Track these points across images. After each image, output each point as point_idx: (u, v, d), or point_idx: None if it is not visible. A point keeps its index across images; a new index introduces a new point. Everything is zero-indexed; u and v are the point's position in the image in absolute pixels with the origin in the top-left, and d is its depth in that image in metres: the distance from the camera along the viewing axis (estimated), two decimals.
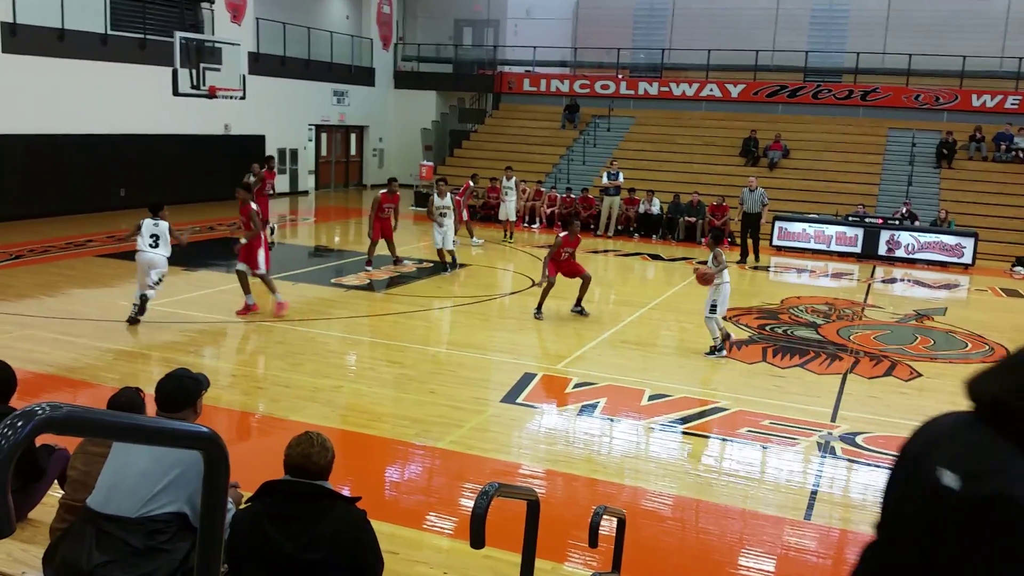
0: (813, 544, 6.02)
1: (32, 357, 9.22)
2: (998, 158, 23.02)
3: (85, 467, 3.97)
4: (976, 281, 17.65)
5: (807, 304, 14.15)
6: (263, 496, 3.34)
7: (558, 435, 7.96)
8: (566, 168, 25.17)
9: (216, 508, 1.81)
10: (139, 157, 21.03)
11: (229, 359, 10.08)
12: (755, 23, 28.63)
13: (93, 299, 12.27)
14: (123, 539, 3.42)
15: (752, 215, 18.29)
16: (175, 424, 1.95)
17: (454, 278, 15.04)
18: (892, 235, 19.53)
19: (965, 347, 11.87)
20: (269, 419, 7.92)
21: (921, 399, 9.34)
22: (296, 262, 16.68)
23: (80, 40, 19.62)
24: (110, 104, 20.41)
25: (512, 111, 29.55)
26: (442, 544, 5.71)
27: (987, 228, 20.16)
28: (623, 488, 6.77)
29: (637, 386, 9.31)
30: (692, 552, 5.92)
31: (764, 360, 10.53)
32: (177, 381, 3.92)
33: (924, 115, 25.09)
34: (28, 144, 18.67)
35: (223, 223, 19.90)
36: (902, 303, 15.12)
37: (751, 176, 19.70)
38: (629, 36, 30.82)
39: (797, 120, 25.99)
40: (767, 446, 7.77)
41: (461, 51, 32.57)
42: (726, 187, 22.38)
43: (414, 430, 7.62)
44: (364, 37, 30.58)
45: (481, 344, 10.80)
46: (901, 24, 27.30)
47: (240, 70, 19.97)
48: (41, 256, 14.53)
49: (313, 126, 28.59)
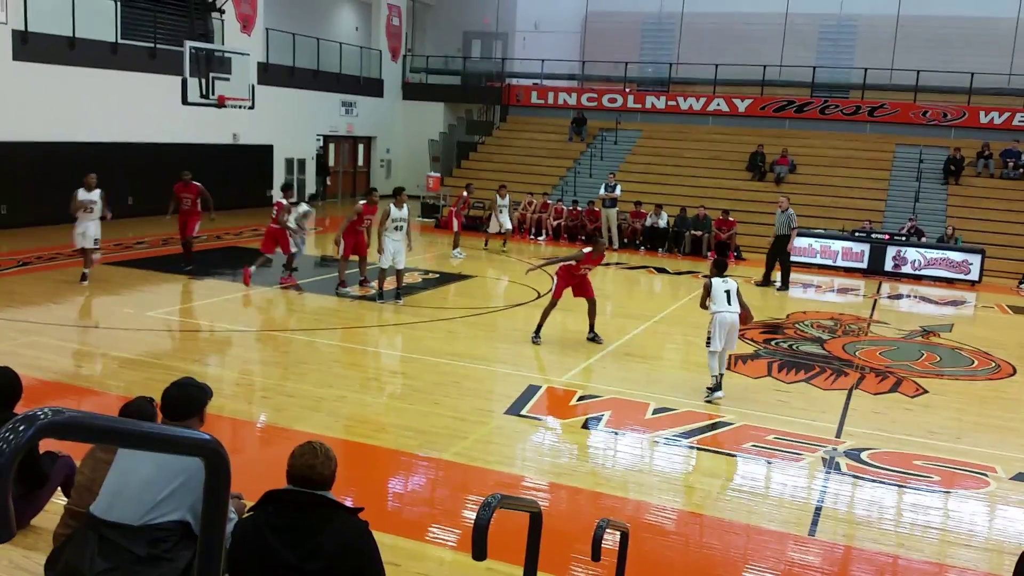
0: (817, 560, 5.99)
1: (38, 364, 9.24)
2: (1006, 175, 23.00)
3: (92, 473, 3.97)
4: (983, 298, 17.59)
5: (813, 319, 14.12)
6: (265, 505, 3.33)
7: (562, 448, 7.94)
8: (573, 181, 25.20)
9: (217, 516, 1.81)
10: (147, 166, 21.10)
11: (234, 368, 10.08)
12: (763, 38, 28.70)
13: (99, 307, 12.30)
14: (126, 547, 3.41)
15: (778, 237, 17.20)
16: (176, 431, 1.95)
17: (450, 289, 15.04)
18: (898, 251, 19.50)
19: (971, 364, 11.82)
20: (273, 429, 7.92)
21: (927, 415, 9.30)
22: (302, 272, 16.69)
23: (90, 48, 19.74)
24: (119, 112, 20.51)
25: (520, 123, 29.62)
26: (444, 556, 5.69)
27: (994, 245, 20.11)
28: (627, 501, 6.75)
29: (642, 399, 9.29)
30: (695, 567, 5.89)
31: (769, 375, 10.50)
32: (183, 389, 3.92)
33: (932, 131, 25.08)
34: (37, 152, 18.76)
35: (230, 232, 19.95)
36: (908, 319, 15.08)
37: (782, 196, 18.82)
38: (637, 50, 30.93)
39: (804, 135, 26.00)
40: (772, 461, 7.74)
41: (469, 63, 32.70)
42: (732, 201, 22.42)
43: (418, 441, 7.61)
44: (373, 48, 30.71)
45: (485, 356, 10.79)
46: (909, 40, 27.33)
47: (249, 80, 20.08)
48: (49, 263, 14.58)
49: (321, 136, 28.69)
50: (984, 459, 8.01)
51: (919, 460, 7.89)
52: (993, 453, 8.22)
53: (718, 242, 20.93)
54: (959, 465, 7.84)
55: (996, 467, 7.81)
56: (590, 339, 11.46)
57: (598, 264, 11.63)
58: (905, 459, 7.89)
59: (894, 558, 6.04)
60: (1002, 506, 7.09)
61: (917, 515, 6.79)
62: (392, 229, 13.21)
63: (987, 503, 7.17)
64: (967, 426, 9.11)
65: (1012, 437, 8.83)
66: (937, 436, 8.60)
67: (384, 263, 13.27)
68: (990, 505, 7.13)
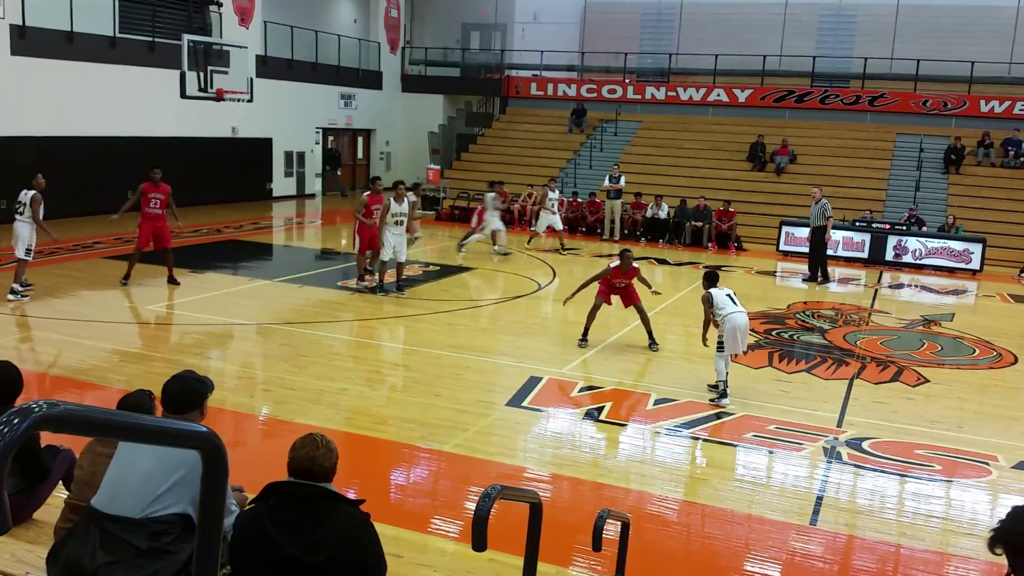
0: (819, 550, 5.99)
1: (39, 359, 9.25)
2: (1006, 164, 22.95)
3: (91, 467, 3.96)
4: (984, 287, 17.58)
5: (813, 309, 14.11)
6: (267, 498, 3.33)
7: (563, 439, 7.94)
8: (573, 172, 25.16)
9: (215, 507, 1.80)
10: (146, 160, 21.00)
11: (235, 361, 10.08)
12: (763, 28, 28.60)
13: (100, 301, 12.29)
14: (127, 540, 3.41)
15: (814, 229, 16.88)
16: (172, 423, 1.94)
17: (451, 281, 15.02)
18: (899, 240, 19.48)
19: (972, 353, 11.82)
20: (274, 421, 7.92)
21: (928, 405, 9.30)
22: (303, 265, 16.71)
23: (89, 43, 19.69)
24: (118, 107, 20.47)
25: (519, 115, 29.56)
26: (447, 548, 5.70)
27: (995, 234, 20.08)
28: (628, 492, 6.75)
29: (643, 390, 9.30)
30: (697, 557, 5.89)
31: (770, 365, 10.50)
32: (184, 383, 3.92)
33: (932, 120, 25.02)
34: (36, 146, 18.71)
35: (230, 225, 19.94)
36: (909, 308, 15.07)
37: (814, 187, 17.92)
38: (637, 41, 30.84)
39: (804, 125, 25.94)
40: (773, 451, 7.74)
41: (468, 55, 32.60)
42: (733, 192, 22.38)
43: (419, 433, 7.61)
44: (371, 41, 30.63)
45: (486, 347, 10.79)
46: (909, 29, 27.23)
47: (247, 73, 20.06)
48: (48, 258, 14.56)
49: (320, 129, 28.65)
50: (986, 448, 8.01)
51: (921, 449, 7.89)
52: (995, 442, 8.22)
53: (719, 233, 20.91)
54: (961, 454, 7.84)
55: (998, 456, 7.81)
56: (650, 347, 10.96)
57: (632, 277, 11.09)
58: (907, 448, 7.89)
59: (896, 547, 6.05)
60: (1004, 494, 7.09)
61: (919, 504, 6.79)
62: (392, 223, 13.14)
63: (989, 492, 7.17)
64: (968, 415, 9.11)
65: (1014, 426, 8.83)
66: (939, 425, 8.60)
67: (385, 256, 13.23)
68: (992, 494, 7.13)
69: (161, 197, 12.85)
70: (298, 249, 19.63)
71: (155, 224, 12.88)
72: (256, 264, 16.74)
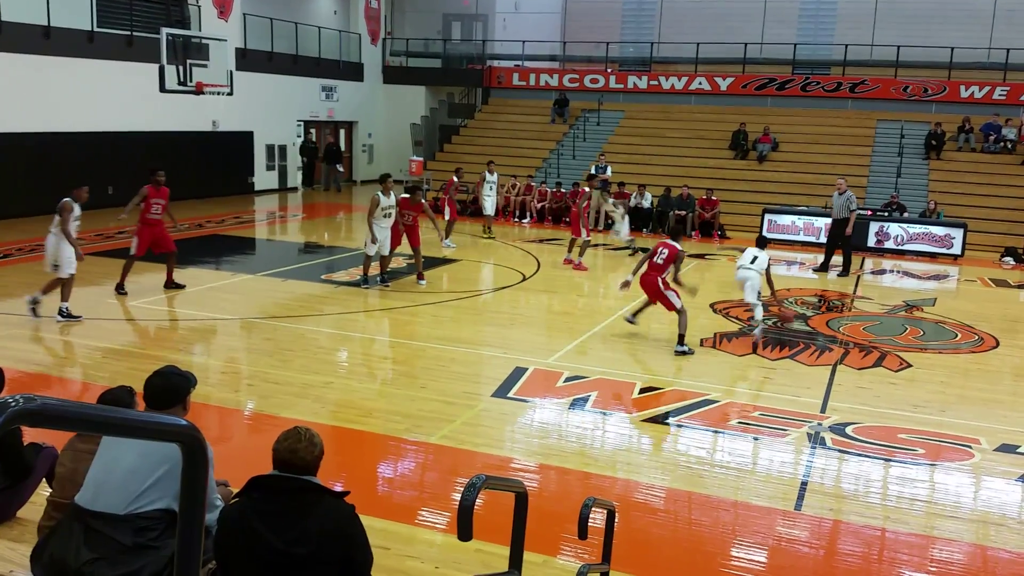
0: (804, 535, 6.03)
1: (21, 356, 9.17)
2: (987, 149, 23.11)
3: (73, 464, 3.94)
4: (965, 272, 17.71)
5: (796, 296, 14.17)
6: (251, 491, 3.32)
7: (550, 429, 7.96)
8: (556, 163, 25.16)
9: (196, 500, 1.79)
10: (126, 155, 20.90)
11: (219, 356, 10.04)
12: (743, 16, 28.64)
13: (81, 297, 12.18)
14: (111, 536, 3.40)
15: (836, 221, 16.70)
16: (151, 417, 1.93)
17: (435, 273, 14.99)
18: (881, 227, 19.59)
19: (955, 337, 11.91)
20: (259, 416, 7.90)
21: (911, 389, 9.37)
22: (286, 258, 16.64)
23: (66, 37, 19.49)
24: (97, 101, 20.29)
25: (502, 106, 29.51)
26: (434, 539, 5.70)
27: (976, 219, 20.24)
28: (615, 481, 6.77)
29: (628, 379, 9.32)
30: (683, 543, 5.92)
31: (754, 352, 10.54)
32: (166, 378, 3.89)
33: (913, 106, 25.16)
34: (14, 142, 18.55)
35: (211, 220, 19.83)
36: (891, 294, 15.16)
37: (840, 177, 17.60)
38: (618, 30, 30.80)
39: (786, 113, 26.03)
40: (758, 437, 7.78)
41: (450, 46, 32.48)
42: (716, 180, 22.43)
43: (405, 425, 7.61)
44: (352, 32, 30.48)
45: (472, 339, 10.78)
46: (889, 16, 27.34)
47: (227, 66, 19.91)
48: (29, 255, 14.43)
49: (302, 122, 28.50)
50: (968, 431, 8.08)
51: (904, 433, 7.95)
52: (977, 425, 8.29)
53: (702, 221, 20.97)
54: (943, 438, 7.91)
55: (980, 439, 7.88)
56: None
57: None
58: (890, 433, 7.95)
59: (881, 531, 6.10)
60: (987, 477, 7.16)
61: (903, 488, 6.84)
62: (382, 217, 13.10)
63: (972, 475, 7.23)
64: (951, 399, 9.18)
65: (996, 409, 8.91)
66: (921, 409, 8.67)
67: (370, 251, 13.21)
68: (975, 476, 7.20)
69: (163, 202, 12.25)
70: (282, 243, 19.55)
71: (155, 231, 12.27)
72: (239, 259, 16.65)
